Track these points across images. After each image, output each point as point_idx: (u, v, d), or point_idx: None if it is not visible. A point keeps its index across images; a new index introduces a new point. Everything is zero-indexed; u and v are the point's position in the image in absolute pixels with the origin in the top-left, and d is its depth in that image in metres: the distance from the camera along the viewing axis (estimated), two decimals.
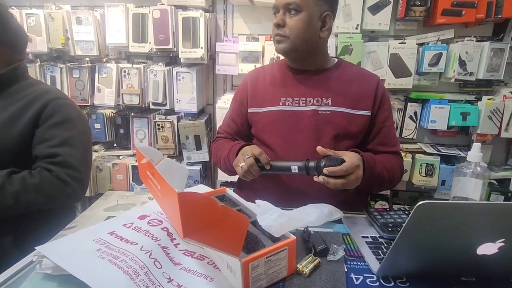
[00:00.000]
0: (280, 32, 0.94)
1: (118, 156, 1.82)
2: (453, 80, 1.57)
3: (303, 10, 0.92)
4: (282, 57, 1.07)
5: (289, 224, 0.67)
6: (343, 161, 0.80)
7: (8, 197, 0.81)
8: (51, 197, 0.86)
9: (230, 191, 0.82)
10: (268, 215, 0.66)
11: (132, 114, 1.79)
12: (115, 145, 1.88)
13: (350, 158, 0.81)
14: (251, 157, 0.86)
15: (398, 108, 1.67)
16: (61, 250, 0.62)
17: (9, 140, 0.86)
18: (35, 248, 0.62)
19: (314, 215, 0.79)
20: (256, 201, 0.74)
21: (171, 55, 1.75)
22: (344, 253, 0.69)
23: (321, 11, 0.93)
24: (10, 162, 0.86)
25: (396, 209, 0.86)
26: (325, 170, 0.78)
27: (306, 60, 1.00)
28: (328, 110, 0.97)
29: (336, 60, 1.06)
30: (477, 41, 1.53)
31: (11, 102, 0.90)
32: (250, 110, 1.05)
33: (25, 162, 0.89)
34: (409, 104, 1.67)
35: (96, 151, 1.81)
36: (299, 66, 1.03)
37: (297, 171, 0.83)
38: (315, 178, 0.80)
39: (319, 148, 0.82)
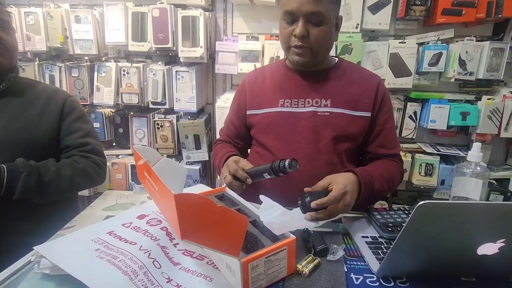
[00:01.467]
0: (305, 44, 0.89)
1: (117, 156, 1.81)
2: (453, 80, 1.56)
3: (327, 20, 0.88)
4: (282, 57, 1.06)
5: (290, 224, 0.67)
6: (327, 192, 0.75)
7: (65, 181, 0.93)
8: (93, 179, 1.01)
9: (229, 191, 0.82)
10: (271, 212, 0.66)
11: (131, 113, 1.78)
12: (114, 144, 1.87)
13: (337, 185, 0.76)
14: (229, 176, 0.87)
15: (397, 108, 1.67)
16: (59, 249, 0.62)
17: (41, 132, 0.97)
18: (33, 247, 0.62)
19: None
20: (260, 196, 0.73)
21: (170, 54, 1.74)
22: (344, 253, 0.68)
23: (335, 15, 0.92)
24: (41, 154, 0.95)
25: (395, 209, 0.86)
26: (312, 204, 0.72)
27: (314, 65, 0.97)
28: (327, 112, 0.96)
29: (337, 59, 1.04)
30: (477, 40, 1.53)
31: (29, 100, 1.00)
32: (248, 112, 1.04)
33: (52, 153, 0.99)
34: (408, 103, 1.67)
35: None
36: (301, 68, 1.00)
37: (268, 176, 0.82)
38: (305, 217, 0.74)
39: (306, 189, 0.78)
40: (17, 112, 0.97)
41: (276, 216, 0.65)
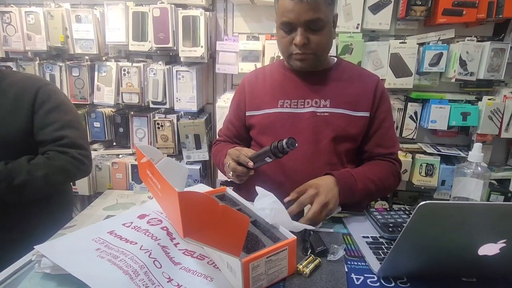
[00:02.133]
0: (306, 50, 0.89)
1: (117, 155, 1.81)
2: (453, 80, 1.56)
3: (326, 24, 0.88)
4: (282, 57, 1.06)
5: (283, 214, 0.67)
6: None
7: (38, 181, 0.88)
8: (73, 175, 0.97)
9: (230, 191, 0.82)
10: (264, 200, 0.67)
11: (132, 113, 1.78)
12: (114, 144, 1.87)
13: (307, 188, 0.80)
14: (232, 162, 0.87)
15: (398, 108, 1.67)
16: (60, 249, 0.62)
17: (13, 129, 0.91)
18: (34, 247, 0.61)
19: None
20: (256, 187, 0.74)
21: (171, 53, 1.74)
22: (345, 253, 0.68)
23: (332, 14, 0.91)
24: (16, 151, 0.91)
25: (396, 209, 0.85)
26: (300, 220, 0.76)
27: (315, 65, 0.97)
28: (326, 112, 0.96)
29: (336, 59, 1.04)
30: (477, 41, 1.53)
31: (1, 93, 0.92)
32: (248, 113, 1.04)
33: (28, 149, 0.93)
34: (409, 104, 1.67)
35: (95, 149, 1.80)
36: (302, 69, 1.00)
37: (269, 159, 0.82)
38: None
39: (286, 199, 0.80)
40: None
41: (268, 203, 0.66)
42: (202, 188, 0.89)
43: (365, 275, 0.63)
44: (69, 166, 0.95)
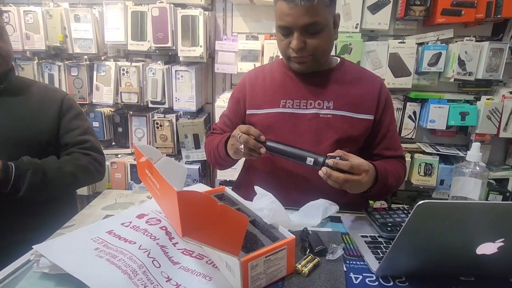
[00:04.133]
0: (304, 54, 0.88)
1: (116, 155, 1.81)
2: (452, 80, 1.57)
3: (325, 26, 0.85)
4: (282, 56, 1.05)
5: (281, 214, 0.68)
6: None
7: (67, 177, 0.94)
8: (93, 176, 1.03)
9: (229, 190, 0.82)
10: (262, 200, 0.68)
11: (131, 112, 1.78)
12: (113, 143, 1.87)
13: (361, 161, 0.78)
14: (242, 135, 0.83)
15: (397, 108, 1.67)
16: (58, 249, 0.62)
17: (40, 130, 0.98)
18: (33, 246, 0.61)
19: (309, 217, 0.79)
20: (255, 187, 0.73)
21: (170, 53, 1.74)
22: (343, 252, 0.68)
23: (332, 15, 0.89)
24: (39, 151, 0.96)
25: (395, 208, 0.86)
26: (329, 161, 0.75)
27: (315, 67, 0.96)
28: (329, 114, 0.95)
29: (338, 60, 1.03)
30: (476, 41, 1.53)
31: (26, 99, 1.01)
32: (248, 111, 1.02)
33: (51, 151, 1.00)
34: (408, 103, 1.67)
35: None
36: (302, 72, 0.98)
37: (310, 162, 0.80)
38: (319, 172, 0.77)
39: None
40: (15, 111, 0.98)
41: (267, 203, 0.67)
42: (201, 187, 0.90)
43: (364, 274, 0.63)
44: (91, 167, 1.02)
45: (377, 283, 0.61)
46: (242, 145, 0.83)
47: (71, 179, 0.96)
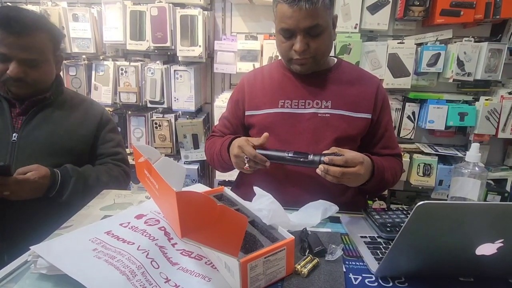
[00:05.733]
0: (306, 56, 0.89)
1: None
2: (451, 81, 1.57)
3: (326, 28, 0.87)
4: (281, 57, 1.05)
5: (280, 215, 0.68)
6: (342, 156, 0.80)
7: (102, 186, 1.00)
8: (121, 186, 1.09)
9: (228, 190, 0.82)
10: (261, 200, 0.68)
11: (129, 112, 1.78)
12: None
13: (355, 154, 0.81)
14: (250, 148, 0.85)
15: (396, 108, 1.68)
16: (56, 249, 0.61)
17: (79, 141, 1.05)
18: (30, 247, 0.61)
19: (309, 217, 0.79)
20: (254, 187, 0.74)
21: (168, 53, 1.73)
22: (343, 253, 0.68)
23: (331, 17, 0.90)
24: (77, 159, 1.03)
25: (394, 209, 0.86)
26: (325, 158, 0.79)
27: (315, 68, 0.97)
28: (328, 113, 0.96)
29: (336, 60, 1.04)
30: (475, 41, 1.54)
31: (70, 110, 1.08)
32: (247, 112, 1.03)
33: (86, 159, 1.07)
34: (407, 104, 1.68)
35: None
36: (302, 73, 0.99)
37: (307, 163, 0.83)
38: (317, 170, 0.80)
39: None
40: (60, 120, 1.04)
41: (266, 204, 0.67)
42: (200, 188, 0.89)
43: (363, 275, 0.63)
44: (121, 178, 1.10)
45: (376, 283, 0.61)
46: (247, 165, 0.86)
47: (104, 187, 1.01)
